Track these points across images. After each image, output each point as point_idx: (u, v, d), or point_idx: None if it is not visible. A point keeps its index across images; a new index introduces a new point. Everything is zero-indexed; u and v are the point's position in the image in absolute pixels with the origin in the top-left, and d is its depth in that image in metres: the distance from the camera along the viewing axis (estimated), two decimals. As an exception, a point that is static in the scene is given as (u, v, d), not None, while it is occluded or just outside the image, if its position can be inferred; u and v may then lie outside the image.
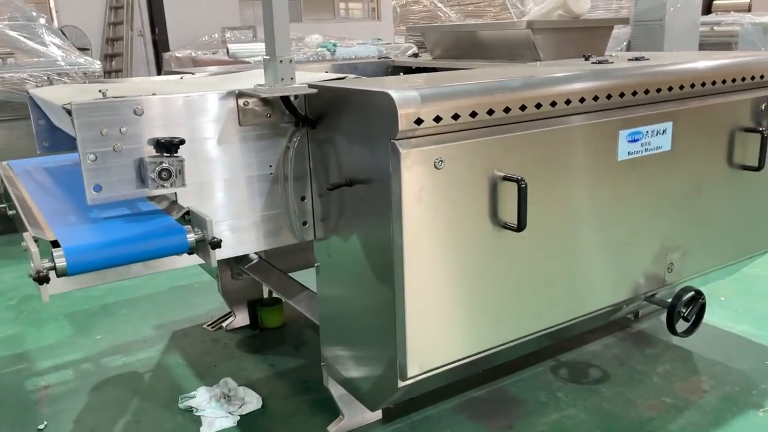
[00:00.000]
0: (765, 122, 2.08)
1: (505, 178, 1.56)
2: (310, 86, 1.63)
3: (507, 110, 1.55)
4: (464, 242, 1.57)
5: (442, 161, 1.47)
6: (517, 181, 1.54)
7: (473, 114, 1.50)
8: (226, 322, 2.78)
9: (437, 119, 1.45)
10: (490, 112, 1.52)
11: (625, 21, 2.46)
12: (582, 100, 1.68)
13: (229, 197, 1.68)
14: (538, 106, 1.60)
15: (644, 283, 1.96)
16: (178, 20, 10.63)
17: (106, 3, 10.29)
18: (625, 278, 1.91)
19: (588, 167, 1.73)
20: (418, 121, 1.42)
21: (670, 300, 1.98)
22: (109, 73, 10.21)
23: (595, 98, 1.70)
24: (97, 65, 4.36)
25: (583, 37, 2.40)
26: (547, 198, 1.66)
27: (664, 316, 2.00)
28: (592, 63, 2.04)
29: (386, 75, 2.87)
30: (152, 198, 1.68)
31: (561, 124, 1.65)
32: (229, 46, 5.13)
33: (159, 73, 10.08)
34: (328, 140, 1.69)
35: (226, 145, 1.65)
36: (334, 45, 4.92)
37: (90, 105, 1.45)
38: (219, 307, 2.94)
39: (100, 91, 1.53)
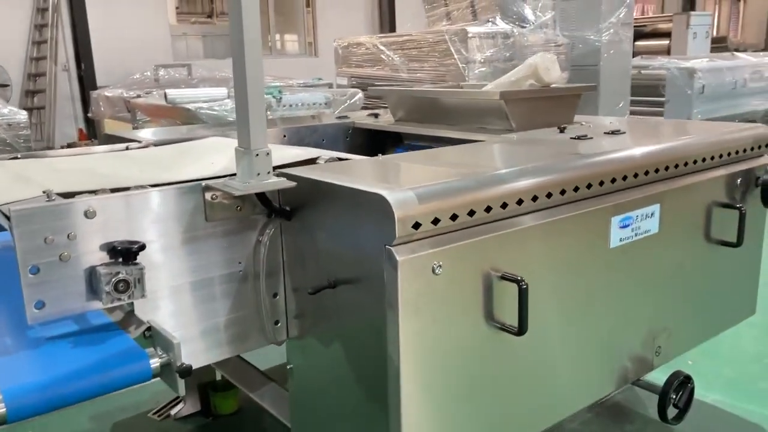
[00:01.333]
0: (740, 197, 2.07)
1: (504, 278, 1.44)
2: (290, 177, 1.47)
3: (504, 206, 1.44)
4: (461, 349, 1.43)
5: (440, 266, 1.33)
6: (517, 281, 1.42)
7: (471, 213, 1.38)
8: (175, 410, 2.53)
9: (435, 221, 1.32)
10: (488, 209, 1.41)
11: (592, 88, 2.41)
12: (576, 189, 1.59)
13: (193, 301, 1.49)
14: (535, 198, 1.50)
15: (633, 369, 1.88)
16: (106, 55, 10.19)
17: (28, 37, 9.75)
18: (615, 368, 1.82)
19: (582, 257, 1.64)
20: (416, 225, 1.29)
21: (657, 384, 1.90)
22: (30, 110, 9.64)
23: (589, 186, 1.62)
24: (22, 116, 4.03)
25: (553, 106, 2.34)
26: (542, 294, 1.55)
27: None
28: (572, 138, 1.97)
29: (347, 138, 2.73)
30: (103, 305, 1.46)
31: (557, 215, 1.55)
32: (167, 91, 4.87)
33: (86, 111, 9.60)
34: (305, 233, 1.52)
35: (190, 245, 1.46)
36: (280, 92, 4.75)
37: (32, 211, 1.23)
38: (166, 390, 2.67)
39: (44, 192, 1.31)
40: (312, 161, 1.79)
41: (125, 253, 1.29)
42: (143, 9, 10.73)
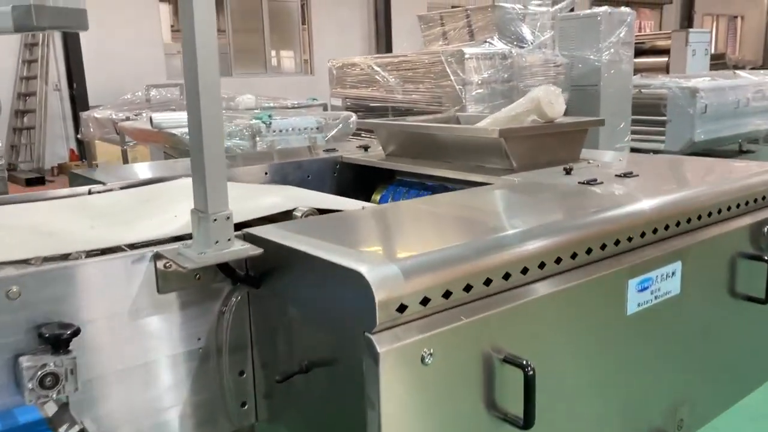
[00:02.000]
0: (767, 247, 1.86)
1: (506, 361, 1.22)
2: (257, 240, 1.26)
3: (507, 276, 1.23)
4: (456, 446, 1.21)
5: (431, 354, 1.12)
6: (523, 367, 1.20)
7: (468, 287, 1.17)
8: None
9: (425, 301, 1.11)
10: (488, 281, 1.20)
11: (600, 123, 2.21)
12: (589, 250, 1.38)
13: (144, 387, 1.27)
14: (542, 265, 1.29)
15: (653, 446, 1.66)
16: (98, 74, 10.03)
17: (18, 56, 9.59)
18: (633, 446, 1.61)
19: (595, 330, 1.42)
20: (401, 308, 1.08)
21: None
22: (20, 130, 9.46)
23: (603, 246, 1.41)
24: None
25: (558, 143, 2.14)
26: (551, 376, 1.34)
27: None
28: (580, 182, 1.77)
29: (334, 174, 2.53)
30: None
31: (567, 282, 1.34)
32: (153, 115, 4.67)
33: (77, 132, 9.41)
34: (276, 303, 1.31)
35: (139, 320, 1.24)
36: (269, 116, 4.56)
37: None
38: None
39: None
40: (288, 214, 1.59)
41: (54, 340, 1.08)
42: (137, 27, 10.60)
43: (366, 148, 2.66)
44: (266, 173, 2.34)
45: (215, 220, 1.18)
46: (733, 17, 22.52)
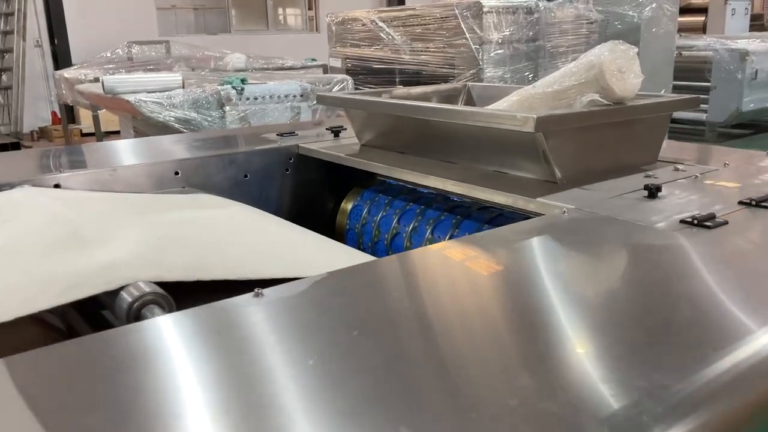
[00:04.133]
0: None
1: None
2: None
3: None
4: None
5: None
6: None
7: None
8: None
9: None
10: None
11: (696, 101, 1.38)
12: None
13: None
14: None
15: None
16: (82, 29, 9.19)
17: (-7, 8, 8.77)
18: None
19: None
20: None
21: None
22: (-4, 90, 8.71)
23: None
24: None
25: (628, 137, 1.33)
26: None
27: None
28: (685, 222, 0.97)
29: (287, 170, 1.74)
30: None
31: None
32: (104, 79, 3.89)
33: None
34: None
35: None
36: (242, 81, 3.76)
37: None
38: None
39: None
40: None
41: None
42: (125, -23, 9.70)
43: (337, 132, 1.85)
44: (177, 173, 1.55)
45: None
46: (773, -26, 20.96)
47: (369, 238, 1.63)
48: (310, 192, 1.80)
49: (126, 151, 1.71)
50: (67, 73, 6.51)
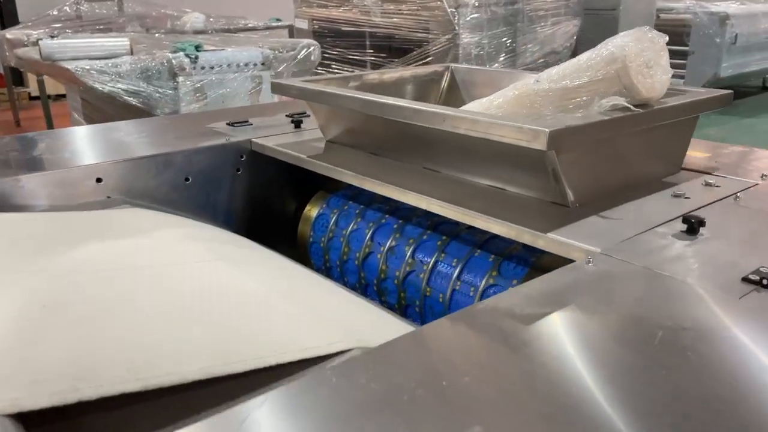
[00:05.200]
0: None
1: None
2: None
3: None
4: None
5: None
6: None
7: None
8: None
9: None
10: None
11: (728, 98, 1.14)
12: None
13: None
14: None
15: None
16: (30, -16, 8.52)
17: (-72, -41, 8.04)
18: None
19: None
20: None
21: None
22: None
23: None
24: None
25: (653, 145, 1.09)
26: None
27: None
28: (750, 281, 0.74)
29: (238, 171, 1.46)
30: None
31: None
32: (41, 43, 3.49)
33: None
34: None
35: None
36: (197, 48, 3.40)
37: None
38: None
39: None
40: None
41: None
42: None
43: (298, 122, 1.57)
44: (99, 180, 1.26)
45: None
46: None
47: (337, 255, 1.37)
48: (266, 196, 1.53)
49: (34, 150, 1.41)
50: (9, 33, 5.98)
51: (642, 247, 0.84)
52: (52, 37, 5.42)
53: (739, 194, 1.04)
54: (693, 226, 0.88)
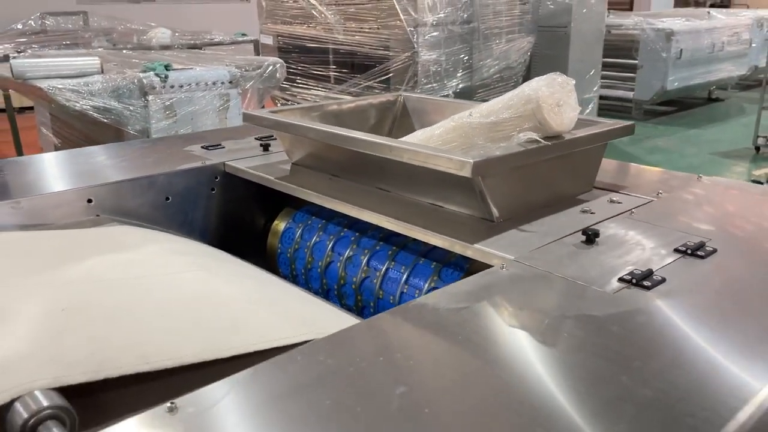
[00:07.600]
0: None
1: None
2: None
3: None
4: None
5: None
6: None
7: None
8: None
9: None
10: None
11: (629, 130, 1.37)
12: None
13: None
14: None
15: None
16: (-8, -4, 8.50)
17: None
18: None
19: None
20: None
21: None
22: None
23: None
24: None
25: (565, 170, 1.31)
26: None
27: None
28: (621, 281, 0.95)
29: (212, 190, 1.64)
30: None
31: None
32: (12, 62, 3.59)
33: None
34: None
35: None
36: (166, 68, 3.55)
37: None
38: None
39: None
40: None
41: None
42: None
43: (266, 146, 1.76)
44: (90, 201, 1.43)
45: None
46: (696, -52, 21.58)
47: (302, 264, 1.56)
48: (238, 212, 1.71)
49: (27, 174, 1.57)
50: (-28, 48, 6.01)
51: (547, 255, 1.05)
52: (19, 52, 5.49)
53: (634, 210, 1.26)
54: (590, 237, 1.09)
